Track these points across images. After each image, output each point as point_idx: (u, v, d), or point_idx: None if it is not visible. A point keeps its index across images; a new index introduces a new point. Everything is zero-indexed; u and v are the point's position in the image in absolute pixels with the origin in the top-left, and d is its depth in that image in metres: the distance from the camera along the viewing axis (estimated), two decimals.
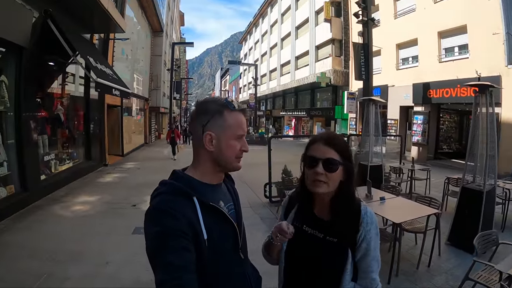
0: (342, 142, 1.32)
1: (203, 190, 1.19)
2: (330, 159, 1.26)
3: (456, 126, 16.97)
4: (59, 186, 7.96)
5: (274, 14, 37.92)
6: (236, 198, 1.40)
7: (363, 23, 11.86)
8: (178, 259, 0.97)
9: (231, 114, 1.21)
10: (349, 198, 1.34)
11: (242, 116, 1.25)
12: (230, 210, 1.30)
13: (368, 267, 1.30)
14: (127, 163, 13.20)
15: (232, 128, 1.20)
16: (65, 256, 4.30)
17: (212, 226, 1.14)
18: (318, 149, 1.30)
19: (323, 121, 28.46)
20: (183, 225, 1.04)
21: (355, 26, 17.60)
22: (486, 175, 4.66)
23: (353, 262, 1.30)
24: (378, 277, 1.33)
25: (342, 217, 1.31)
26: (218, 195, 1.27)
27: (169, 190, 1.15)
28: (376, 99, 7.91)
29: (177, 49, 33.58)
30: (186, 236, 1.03)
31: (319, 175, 1.27)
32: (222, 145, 1.20)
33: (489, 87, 4.56)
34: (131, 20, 16.02)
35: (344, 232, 1.30)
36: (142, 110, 21.59)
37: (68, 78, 9.21)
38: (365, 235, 1.29)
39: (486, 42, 11.92)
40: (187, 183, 1.18)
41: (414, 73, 15.72)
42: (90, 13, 8.27)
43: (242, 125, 1.24)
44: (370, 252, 1.29)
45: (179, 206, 1.08)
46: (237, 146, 1.23)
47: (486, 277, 3.18)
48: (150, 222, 1.07)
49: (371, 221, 1.31)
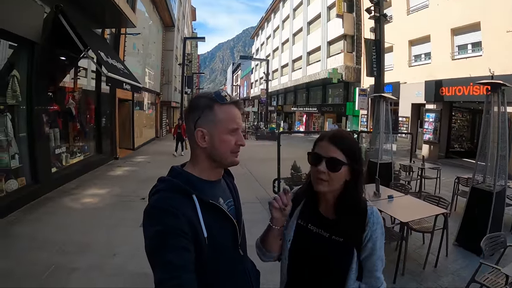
0: (350, 142, 1.29)
1: (202, 187, 1.18)
2: (334, 158, 1.24)
3: (468, 125, 16.64)
4: (70, 179, 8.08)
5: (286, 9, 37.68)
6: (236, 194, 1.38)
7: (375, 19, 11.72)
8: (177, 259, 0.97)
9: (221, 107, 1.18)
10: (354, 198, 1.32)
11: (234, 109, 1.21)
12: (230, 207, 1.29)
13: (373, 266, 1.30)
14: (137, 157, 13.33)
15: (223, 123, 1.17)
16: (74, 247, 4.38)
17: (212, 223, 1.13)
18: (323, 147, 1.28)
19: (334, 117, 28.31)
20: (183, 224, 1.03)
21: (367, 22, 17.41)
22: (497, 175, 4.57)
23: (358, 261, 1.30)
24: (382, 276, 1.33)
25: (347, 216, 1.30)
26: (217, 192, 1.26)
27: (168, 187, 1.14)
28: (387, 96, 7.82)
29: (188, 44, 33.67)
30: (185, 235, 1.02)
31: (321, 173, 1.25)
32: (215, 141, 1.18)
33: (501, 85, 4.46)
34: (143, 15, 16.06)
35: (350, 232, 1.29)
36: (154, 104, 21.70)
37: (80, 72, 9.31)
38: (371, 235, 1.28)
39: (500, 40, 11.63)
40: (186, 180, 1.17)
41: (427, 70, 15.45)
42: (101, 8, 8.34)
43: (234, 118, 1.20)
44: (375, 251, 1.29)
45: (179, 204, 1.07)
46: (231, 140, 1.19)
47: (493, 280, 3.14)
48: (149, 221, 1.07)
49: (377, 221, 1.31)
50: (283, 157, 7.28)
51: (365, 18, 19.01)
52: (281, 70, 40.26)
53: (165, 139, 22.98)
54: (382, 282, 1.33)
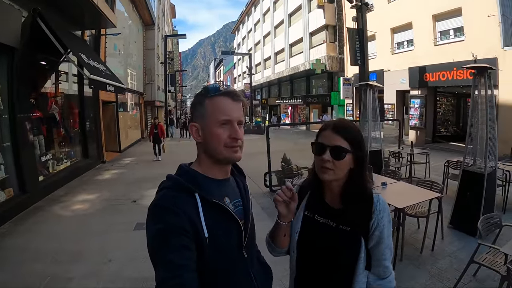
0: (353, 130, 1.30)
1: (208, 185, 1.16)
2: (338, 146, 1.24)
3: (453, 109, 17.02)
4: (58, 186, 7.92)
5: (266, 2, 37.54)
6: (246, 194, 1.35)
7: (357, 8, 11.79)
8: (178, 257, 0.96)
9: (211, 100, 1.15)
10: (360, 186, 1.32)
11: (225, 100, 1.15)
12: (237, 207, 1.26)
13: (381, 255, 1.30)
14: (124, 159, 13.16)
15: (212, 115, 1.13)
16: (68, 256, 4.29)
17: (215, 223, 1.10)
18: (327, 136, 1.28)
19: (319, 108, 28.41)
20: (184, 223, 1.02)
21: (348, 11, 17.48)
22: (487, 157, 4.65)
23: (366, 250, 1.29)
24: (390, 265, 1.33)
25: (354, 205, 1.30)
26: (224, 191, 1.23)
27: (172, 185, 1.13)
28: (373, 84, 7.86)
29: (169, 41, 33.30)
30: (187, 234, 1.01)
31: (325, 162, 1.25)
32: (207, 135, 1.15)
33: (487, 69, 4.52)
34: (122, 14, 15.78)
35: (356, 221, 1.29)
36: (137, 105, 21.45)
37: (61, 76, 9.10)
38: (378, 223, 1.28)
39: (482, 24, 11.89)
40: (191, 178, 1.15)
41: (410, 57, 15.68)
42: (80, 9, 8.12)
43: (224, 109, 1.13)
44: (383, 240, 1.28)
45: (181, 202, 1.06)
46: (222, 133, 1.13)
47: (491, 259, 3.19)
48: (152, 219, 1.06)
49: (384, 208, 1.30)
50: (272, 150, 7.28)
51: (346, 8, 19.07)
52: (264, 64, 40.23)
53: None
54: (390, 272, 1.33)
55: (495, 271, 3.00)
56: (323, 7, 22.68)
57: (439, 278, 3.65)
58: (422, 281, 3.59)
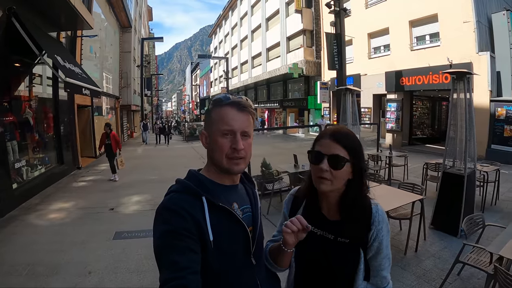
0: (352, 138, 1.26)
1: (215, 190, 1.17)
2: (336, 155, 1.20)
3: (429, 112, 17.53)
4: (33, 194, 7.62)
5: (244, 6, 37.60)
6: (255, 202, 1.33)
7: (335, 13, 11.97)
8: (183, 259, 0.96)
9: (217, 109, 1.16)
10: (359, 198, 1.28)
11: (228, 110, 1.14)
12: (246, 213, 1.25)
13: (380, 266, 1.27)
14: (100, 165, 12.77)
15: (216, 124, 1.14)
16: (45, 269, 4.11)
17: (220, 227, 1.11)
18: (325, 144, 1.24)
19: (296, 111, 28.60)
20: (190, 225, 1.03)
21: (326, 16, 17.76)
22: (466, 159, 4.79)
23: (365, 261, 1.27)
24: (389, 275, 1.31)
25: (352, 216, 1.26)
26: (232, 196, 1.22)
27: (180, 188, 1.14)
28: (353, 88, 8.00)
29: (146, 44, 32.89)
30: (192, 236, 1.02)
31: (323, 171, 1.21)
32: (212, 143, 1.16)
33: (466, 74, 4.67)
34: (99, 16, 15.44)
35: (355, 233, 1.26)
36: (113, 109, 20.98)
37: (35, 79, 8.77)
38: (377, 234, 1.24)
39: (458, 30, 12.29)
40: (199, 182, 1.16)
41: (386, 62, 16.03)
42: (57, 10, 7.87)
43: (226, 119, 1.13)
44: (382, 250, 1.25)
45: (187, 205, 1.07)
46: (224, 144, 1.13)
47: (476, 258, 3.28)
48: (158, 221, 1.07)
49: (383, 219, 1.27)
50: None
51: (324, 13, 19.35)
52: (240, 68, 40.24)
53: (127, 144, 22.47)
54: (388, 281, 1.31)
55: (482, 270, 3.07)
56: (301, 12, 22.95)
57: (425, 278, 3.72)
58: (409, 282, 3.64)
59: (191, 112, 78.97)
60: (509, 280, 2.36)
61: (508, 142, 10.93)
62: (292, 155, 7.36)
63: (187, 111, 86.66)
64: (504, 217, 5.70)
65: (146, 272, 3.96)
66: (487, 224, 3.68)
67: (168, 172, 10.84)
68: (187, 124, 30.12)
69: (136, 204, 7.02)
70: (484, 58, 11.61)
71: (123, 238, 5.14)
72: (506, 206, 6.36)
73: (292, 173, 6.65)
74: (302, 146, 17.87)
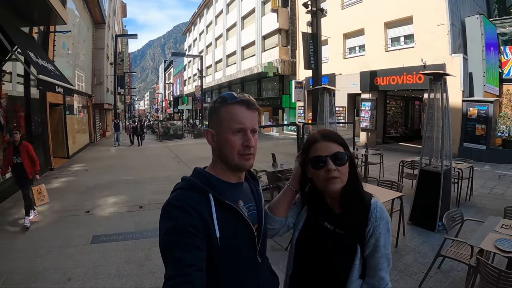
0: (338, 135, 1.35)
1: (221, 188, 1.18)
2: (337, 153, 1.26)
3: (402, 111, 18.10)
4: (5, 197, 7.33)
5: (220, 4, 37.36)
6: (259, 199, 1.36)
7: (312, 13, 12.09)
8: (188, 256, 0.96)
9: (225, 107, 1.17)
10: (358, 188, 1.34)
11: (239, 108, 1.16)
12: (251, 211, 1.27)
13: (377, 265, 1.26)
14: (74, 165, 12.42)
15: (226, 122, 1.16)
16: (22, 276, 3.93)
17: (227, 224, 1.11)
18: (322, 147, 1.29)
19: (270, 110, 28.78)
20: (196, 222, 1.03)
21: (302, 16, 17.90)
22: (443, 157, 4.98)
23: (362, 258, 1.27)
24: (387, 276, 1.29)
25: (351, 208, 1.30)
26: (237, 194, 1.24)
27: (186, 185, 1.15)
28: (330, 87, 8.14)
29: (119, 42, 32.09)
30: (198, 233, 1.02)
31: (332, 171, 1.25)
32: (221, 141, 1.18)
33: (443, 75, 4.86)
34: (72, 12, 14.89)
35: (352, 225, 1.29)
36: (85, 108, 20.36)
37: (5, 76, 8.38)
38: (373, 230, 1.25)
39: (432, 32, 12.71)
40: (206, 179, 1.17)
41: (361, 62, 16.36)
42: (31, 4, 7.54)
43: (237, 117, 1.16)
44: (379, 248, 1.25)
45: (194, 202, 1.07)
46: (235, 141, 1.16)
47: (456, 252, 3.43)
48: (164, 217, 1.07)
49: (381, 216, 1.27)
50: None
51: (300, 12, 19.49)
52: (215, 66, 40.00)
53: (100, 144, 21.93)
54: (387, 283, 1.28)
55: (463, 262, 3.22)
56: (277, 11, 23.07)
57: (406, 272, 3.85)
58: (392, 277, 3.69)
59: (164, 111, 77.82)
60: (491, 271, 2.48)
61: (479, 140, 11.45)
62: (270, 154, 7.41)
63: (160, 110, 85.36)
64: (478, 211, 5.99)
65: (127, 277, 3.83)
66: (465, 219, 3.85)
67: (145, 172, 10.67)
68: (160, 124, 29.70)
69: (112, 206, 6.80)
70: (457, 60, 12.10)
71: (101, 242, 5.00)
72: (479, 201, 6.69)
73: (271, 172, 6.63)
74: (278, 145, 18.02)
